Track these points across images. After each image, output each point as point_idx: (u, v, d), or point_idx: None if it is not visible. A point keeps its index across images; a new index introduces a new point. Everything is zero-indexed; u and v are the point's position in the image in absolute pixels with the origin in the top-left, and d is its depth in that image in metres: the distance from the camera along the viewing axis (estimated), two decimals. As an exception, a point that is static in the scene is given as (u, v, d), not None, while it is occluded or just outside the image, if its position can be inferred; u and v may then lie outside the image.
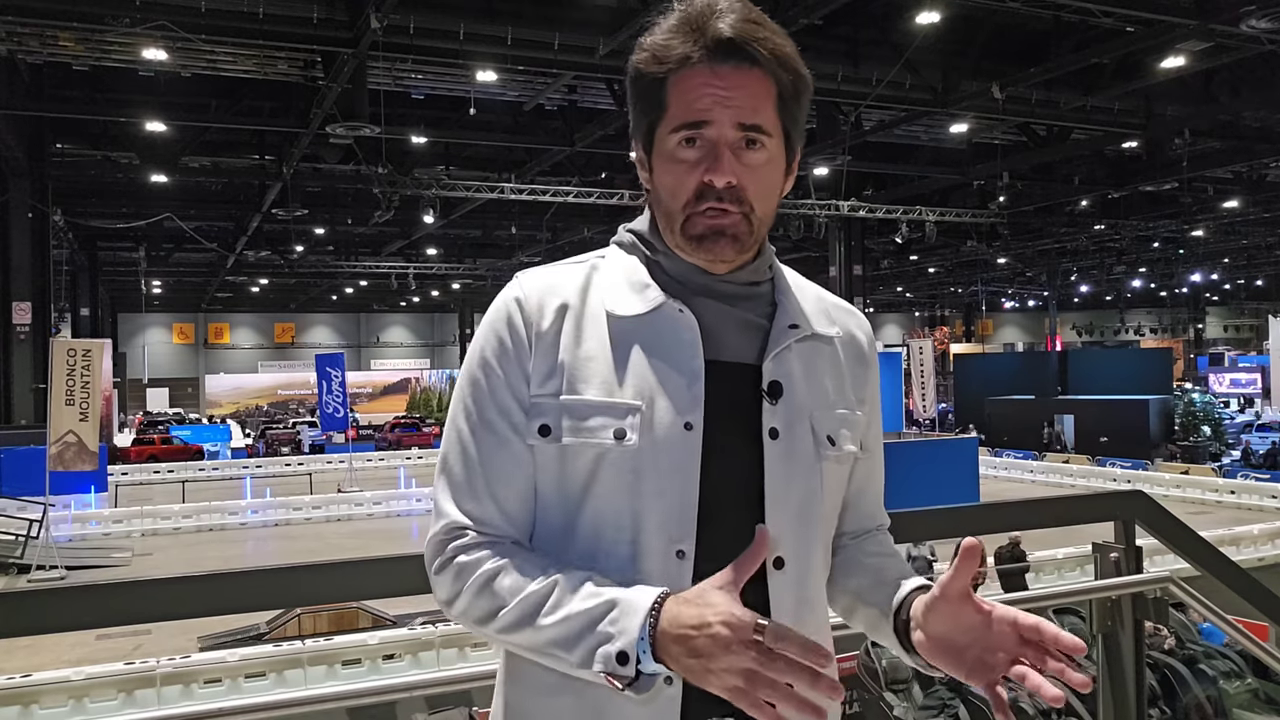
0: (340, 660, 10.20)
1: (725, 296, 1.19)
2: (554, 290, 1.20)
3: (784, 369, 1.18)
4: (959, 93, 18.28)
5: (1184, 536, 2.59)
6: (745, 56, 1.11)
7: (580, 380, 1.14)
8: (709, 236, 1.14)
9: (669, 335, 1.15)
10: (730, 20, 1.11)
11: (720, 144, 1.12)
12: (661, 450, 1.11)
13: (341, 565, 1.91)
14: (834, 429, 1.20)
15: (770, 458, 1.14)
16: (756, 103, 1.12)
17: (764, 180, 1.15)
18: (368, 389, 58.81)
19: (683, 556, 1.10)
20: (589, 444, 1.12)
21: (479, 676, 2.07)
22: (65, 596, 1.83)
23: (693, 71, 1.12)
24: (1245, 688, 4.86)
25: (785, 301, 1.22)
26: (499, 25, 15.88)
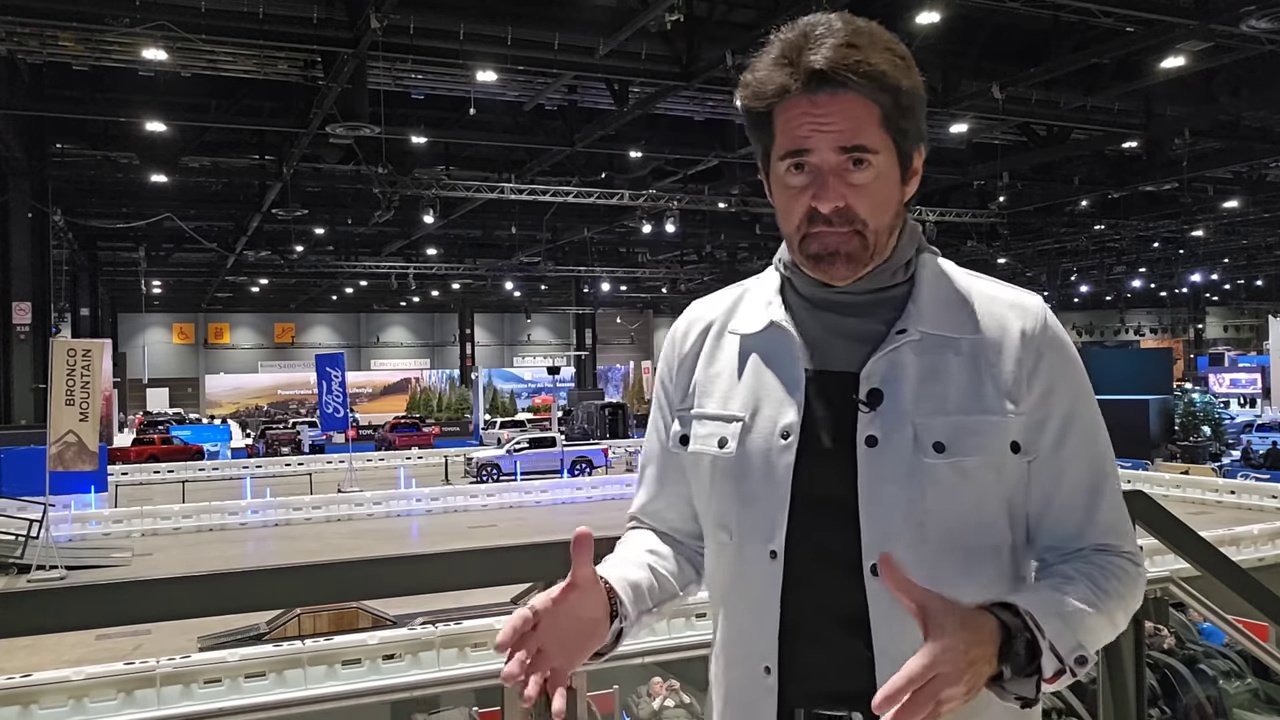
0: (340, 660, 10.19)
1: (844, 307, 1.24)
2: (703, 316, 1.35)
3: (890, 375, 1.19)
4: (959, 93, 18.28)
5: (1184, 536, 2.59)
6: (839, 84, 1.14)
7: (705, 395, 1.30)
8: (824, 257, 1.18)
9: (778, 349, 1.25)
10: (824, 51, 1.14)
11: (824, 170, 1.16)
12: (757, 458, 1.22)
13: (341, 565, 1.91)
14: (947, 435, 1.16)
15: (864, 465, 1.17)
16: (857, 125, 1.15)
17: (874, 196, 1.18)
18: (368, 389, 58.81)
19: (774, 557, 1.19)
20: (703, 452, 1.27)
21: (479, 676, 2.07)
22: (65, 596, 1.83)
23: (792, 103, 1.16)
24: (1245, 688, 4.86)
25: (913, 305, 1.23)
26: (499, 25, 15.87)
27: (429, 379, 60.14)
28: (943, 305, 1.23)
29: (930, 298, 1.23)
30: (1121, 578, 1.19)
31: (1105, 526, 1.22)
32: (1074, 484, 1.21)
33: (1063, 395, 1.22)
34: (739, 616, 1.24)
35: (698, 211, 29.50)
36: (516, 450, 29.57)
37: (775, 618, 1.19)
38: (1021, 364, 1.20)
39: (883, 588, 1.10)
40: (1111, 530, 1.22)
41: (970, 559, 1.18)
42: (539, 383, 56.57)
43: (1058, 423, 1.21)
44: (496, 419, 43.25)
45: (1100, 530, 1.22)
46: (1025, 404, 1.19)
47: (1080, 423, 1.22)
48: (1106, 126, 20.95)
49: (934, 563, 1.15)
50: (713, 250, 40.73)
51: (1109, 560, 1.20)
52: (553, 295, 56.01)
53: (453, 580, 2.12)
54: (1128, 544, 1.23)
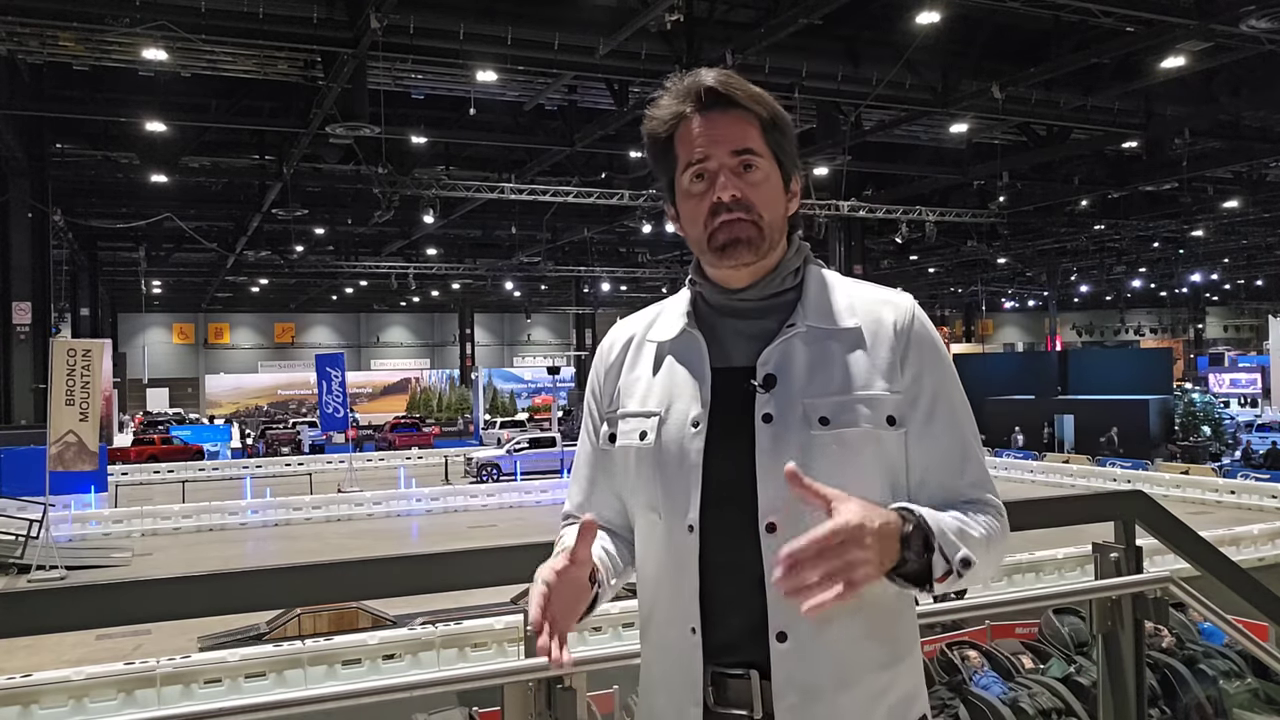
0: (340, 660, 10.20)
1: (746, 312, 1.43)
2: (624, 331, 1.54)
3: (782, 363, 1.37)
4: (959, 93, 18.27)
5: (1184, 536, 2.60)
6: (727, 101, 1.37)
7: (628, 396, 1.47)
8: (729, 245, 1.37)
9: (688, 352, 1.43)
10: (712, 77, 1.38)
11: (720, 170, 1.37)
12: (673, 446, 1.39)
13: (341, 565, 1.91)
14: (832, 411, 1.34)
15: (761, 439, 1.34)
16: (743, 133, 1.37)
17: (765, 192, 1.38)
18: (368, 389, 58.81)
19: (691, 530, 1.36)
20: (626, 445, 1.44)
21: (479, 676, 2.07)
22: (65, 596, 1.83)
23: (688, 123, 1.39)
24: (1245, 688, 4.86)
25: (802, 306, 1.41)
26: (499, 25, 15.87)
27: (429, 379, 60.15)
28: (826, 304, 1.41)
29: (816, 299, 1.42)
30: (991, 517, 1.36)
31: (973, 483, 1.39)
32: (945, 451, 1.39)
33: (930, 377, 1.40)
34: (667, 585, 1.39)
35: (698, 211, 29.48)
36: (516, 450, 29.58)
37: (695, 584, 1.35)
38: (894, 350, 1.38)
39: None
40: (978, 486, 1.39)
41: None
42: (539, 383, 56.55)
43: (928, 399, 1.39)
44: (496, 419, 43.25)
45: (969, 486, 1.39)
46: (899, 384, 1.37)
47: (946, 400, 1.40)
48: (1106, 126, 20.95)
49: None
50: (713, 250, 40.67)
51: (980, 507, 1.37)
52: (553, 295, 56.01)
53: (453, 580, 2.11)
54: (994, 497, 1.40)
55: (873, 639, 1.35)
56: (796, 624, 1.29)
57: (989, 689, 5.05)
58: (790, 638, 1.31)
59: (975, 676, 5.17)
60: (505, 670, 2.14)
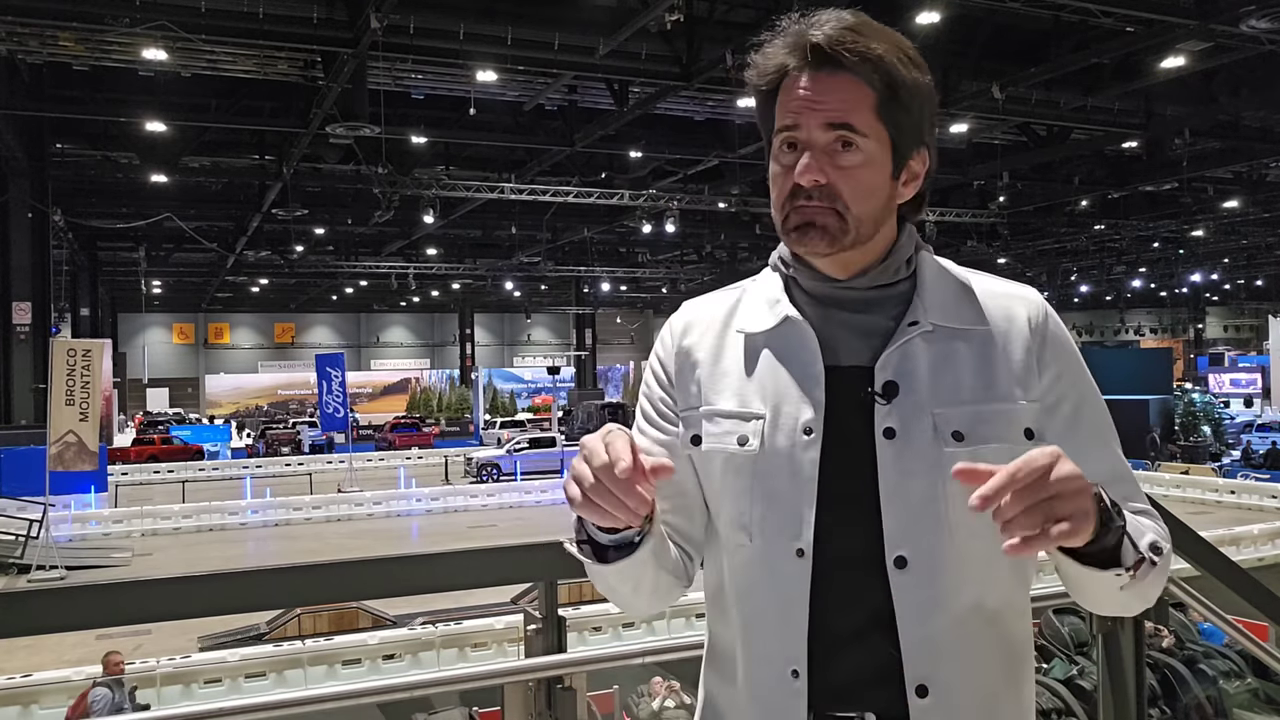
0: (340, 660, 10.21)
1: (853, 304, 1.23)
2: (702, 314, 1.31)
3: (904, 367, 1.18)
4: (959, 93, 18.27)
5: (1184, 536, 2.59)
6: (835, 63, 1.15)
7: (715, 392, 1.25)
8: (800, 228, 1.18)
9: (793, 346, 1.22)
10: (825, 30, 1.16)
11: (809, 145, 1.17)
12: (781, 455, 1.19)
13: (341, 565, 1.91)
14: (967, 424, 1.16)
15: (884, 458, 1.15)
16: (847, 105, 1.15)
17: (860, 181, 1.17)
18: (368, 389, 58.81)
19: (802, 555, 1.16)
20: (719, 449, 1.22)
21: (479, 676, 2.07)
22: (65, 596, 1.83)
23: (790, 80, 1.18)
24: (1245, 688, 4.87)
25: (919, 300, 1.22)
26: (499, 25, 15.87)
27: (429, 379, 60.13)
28: (948, 299, 1.23)
29: (935, 292, 1.23)
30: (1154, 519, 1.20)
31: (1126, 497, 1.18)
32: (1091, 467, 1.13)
33: (1070, 381, 1.23)
34: (763, 618, 1.19)
35: (698, 211, 29.51)
36: (516, 450, 29.58)
37: (804, 619, 1.15)
38: (1030, 352, 1.20)
39: (907, 582, 1.13)
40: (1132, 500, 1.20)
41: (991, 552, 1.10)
42: (539, 383, 56.56)
43: (1069, 407, 1.22)
44: (496, 419, 43.26)
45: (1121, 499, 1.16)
46: (1036, 391, 1.20)
47: (1090, 408, 1.23)
48: (1106, 126, 20.94)
49: (958, 554, 1.15)
50: (713, 250, 40.73)
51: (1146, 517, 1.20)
52: (553, 295, 56.00)
53: (453, 580, 2.12)
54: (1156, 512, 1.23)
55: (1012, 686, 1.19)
56: (939, 673, 1.13)
57: (989, 689, 5.05)
58: (932, 692, 1.12)
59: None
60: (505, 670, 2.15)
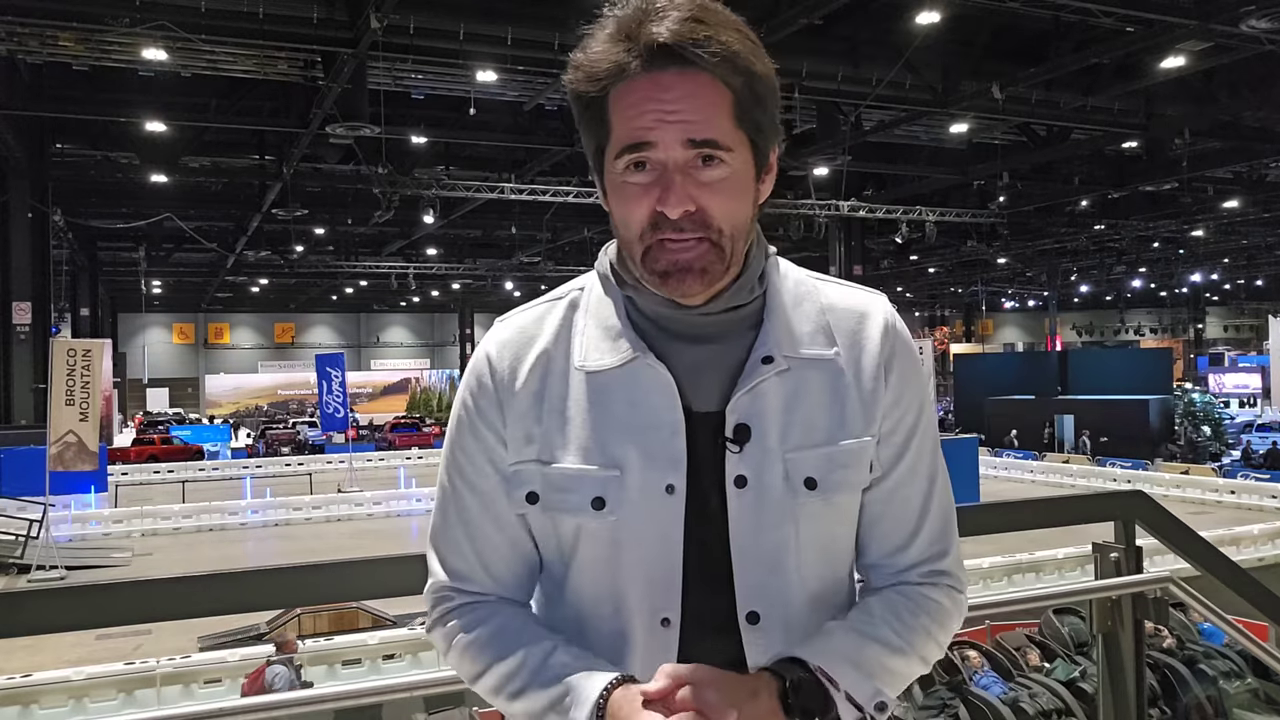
0: (340, 660, 10.21)
1: (703, 335, 1.09)
2: (529, 343, 1.13)
3: (754, 408, 1.06)
4: (959, 93, 18.27)
5: (1184, 536, 2.59)
6: (687, 61, 0.98)
7: (558, 446, 1.09)
8: (673, 273, 1.02)
9: (645, 389, 1.07)
10: (668, 24, 0.98)
11: (670, 168, 1.00)
12: (642, 518, 1.06)
13: (341, 565, 1.91)
14: (817, 469, 1.07)
15: (735, 509, 1.06)
16: (706, 114, 0.99)
17: (727, 196, 1.02)
18: (368, 389, 58.80)
19: (668, 625, 1.06)
20: (567, 515, 1.08)
21: (479, 676, 2.06)
22: (65, 596, 1.83)
23: (632, 84, 1.00)
24: (1245, 688, 4.87)
25: (769, 325, 1.10)
26: (499, 25, 15.87)
27: (429, 379, 60.13)
28: (800, 321, 1.11)
29: (785, 314, 1.11)
30: (934, 612, 1.12)
31: (929, 543, 1.14)
32: (907, 497, 1.14)
33: (909, 405, 1.13)
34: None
35: (698, 211, 29.49)
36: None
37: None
38: (878, 377, 1.11)
39: (757, 638, 1.06)
40: (935, 545, 1.15)
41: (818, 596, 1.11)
42: (539, 383, 56.49)
43: (902, 435, 1.13)
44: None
45: (922, 548, 1.14)
46: (877, 420, 1.11)
47: (920, 434, 1.14)
48: (1106, 126, 20.95)
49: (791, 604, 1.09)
50: (713, 250, 40.71)
51: (922, 594, 1.13)
52: (553, 295, 55.97)
53: (453, 580, 2.11)
54: (949, 562, 1.15)
55: None
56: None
57: (989, 689, 5.06)
58: None
59: (975, 676, 5.18)
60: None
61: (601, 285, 1.15)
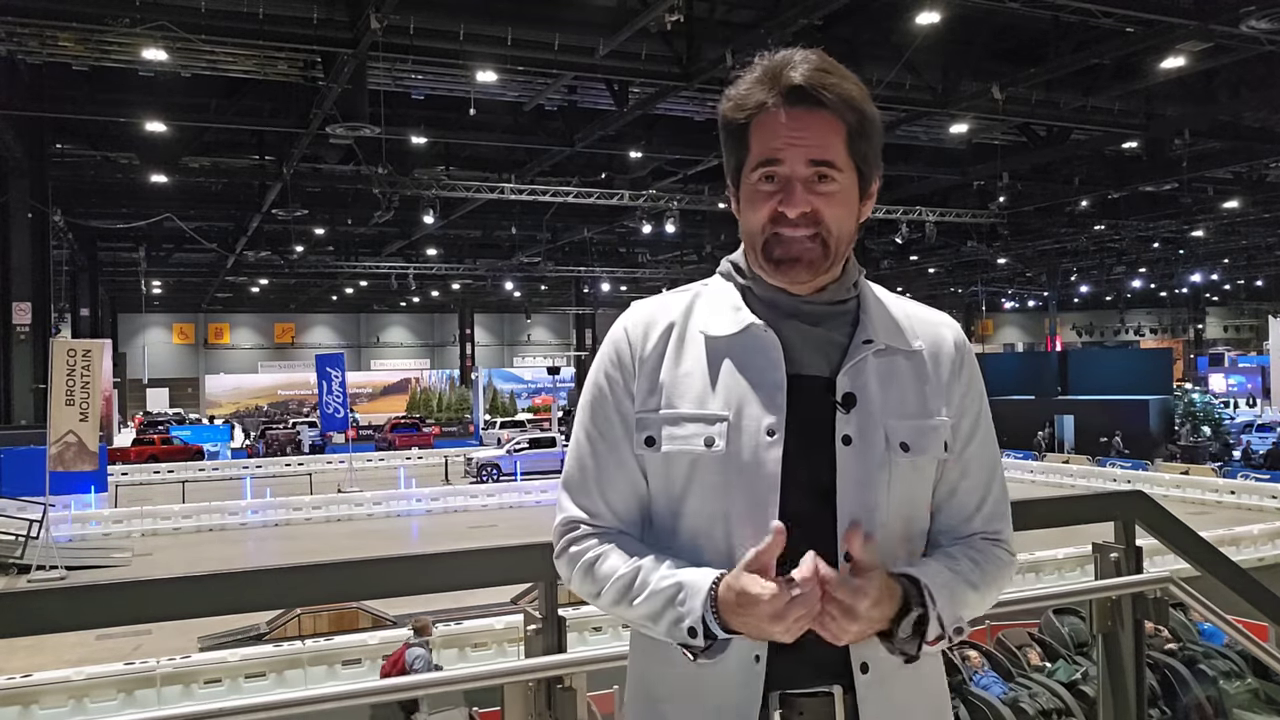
0: (340, 660, 10.21)
1: (808, 316, 1.33)
2: (657, 317, 1.37)
3: (859, 381, 1.30)
4: (959, 93, 18.26)
5: (1184, 536, 2.60)
6: (814, 101, 1.26)
7: (677, 395, 1.31)
8: (785, 261, 1.29)
9: (756, 352, 1.31)
10: (802, 70, 1.26)
11: (793, 179, 1.27)
12: (746, 455, 1.27)
13: (341, 565, 1.91)
14: (909, 436, 1.31)
15: (842, 462, 1.28)
16: (825, 141, 1.27)
17: (838, 206, 1.29)
18: (368, 389, 58.80)
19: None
20: (684, 451, 1.29)
21: (479, 676, 2.07)
22: (65, 596, 1.83)
23: (769, 116, 1.27)
24: (1245, 688, 4.87)
25: (867, 319, 1.34)
26: (499, 25, 15.86)
27: (429, 379, 60.13)
28: (890, 320, 1.37)
29: (877, 313, 1.36)
30: (998, 565, 1.37)
31: (990, 516, 1.40)
32: (974, 479, 1.40)
33: (974, 400, 1.40)
34: None
35: (698, 211, 29.50)
36: (516, 450, 29.57)
37: None
38: (952, 374, 1.38)
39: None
40: (995, 519, 1.40)
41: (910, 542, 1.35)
42: (539, 383, 56.52)
43: (969, 423, 1.39)
44: (496, 419, 43.25)
45: (985, 519, 1.40)
46: (952, 409, 1.37)
47: (984, 426, 1.41)
48: (1106, 126, 20.93)
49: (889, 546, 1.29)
50: (713, 250, 40.69)
51: (990, 548, 1.38)
52: (553, 295, 56.00)
53: (453, 580, 2.12)
54: (1006, 533, 1.41)
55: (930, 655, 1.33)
56: (877, 652, 1.26)
57: (989, 689, 5.06)
58: (872, 668, 1.27)
59: (975, 676, 5.18)
60: (505, 670, 2.15)
61: (721, 280, 1.40)
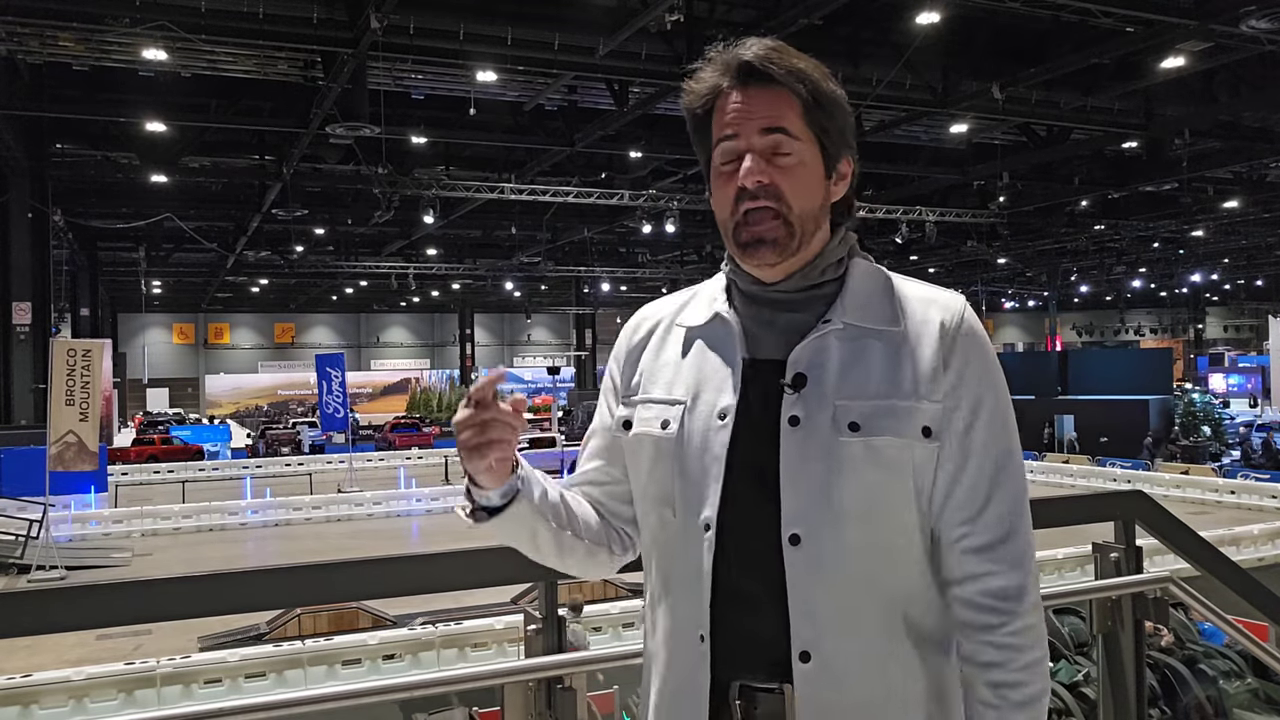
0: (340, 660, 10.21)
1: (779, 303, 1.34)
2: (651, 314, 1.46)
3: (815, 361, 1.28)
4: (959, 93, 18.26)
5: (1184, 536, 2.59)
6: (764, 76, 1.27)
7: (651, 382, 1.39)
8: (751, 244, 1.28)
9: (719, 339, 1.35)
10: (753, 50, 1.28)
11: (749, 150, 1.27)
12: (697, 438, 1.30)
13: (341, 565, 1.91)
14: (862, 417, 1.25)
15: (786, 443, 1.25)
16: (778, 111, 1.27)
17: (798, 179, 1.28)
18: (368, 389, 58.79)
19: (707, 528, 1.27)
20: (645, 433, 1.36)
21: (479, 676, 2.07)
22: (65, 596, 1.83)
23: (724, 97, 1.30)
24: (1245, 688, 4.87)
25: (840, 301, 1.32)
26: (499, 25, 15.86)
27: (429, 379, 60.12)
28: (869, 300, 1.32)
29: (857, 294, 1.32)
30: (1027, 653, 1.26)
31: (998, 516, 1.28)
32: (975, 471, 1.28)
33: (972, 386, 1.29)
34: (678, 588, 1.31)
35: (698, 211, 29.47)
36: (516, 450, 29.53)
37: (708, 586, 1.26)
38: (937, 354, 1.28)
39: (798, 558, 1.23)
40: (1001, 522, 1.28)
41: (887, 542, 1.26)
42: (539, 383, 56.53)
43: (966, 411, 1.28)
44: (496, 419, 43.12)
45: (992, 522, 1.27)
46: (938, 392, 1.28)
47: (987, 417, 1.29)
48: (1106, 126, 20.93)
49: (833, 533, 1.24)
50: (713, 250, 40.69)
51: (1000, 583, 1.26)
52: (553, 295, 55.99)
53: (453, 580, 2.11)
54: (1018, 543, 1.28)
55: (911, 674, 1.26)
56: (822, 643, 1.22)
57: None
58: (814, 658, 1.22)
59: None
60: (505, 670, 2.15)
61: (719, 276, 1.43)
